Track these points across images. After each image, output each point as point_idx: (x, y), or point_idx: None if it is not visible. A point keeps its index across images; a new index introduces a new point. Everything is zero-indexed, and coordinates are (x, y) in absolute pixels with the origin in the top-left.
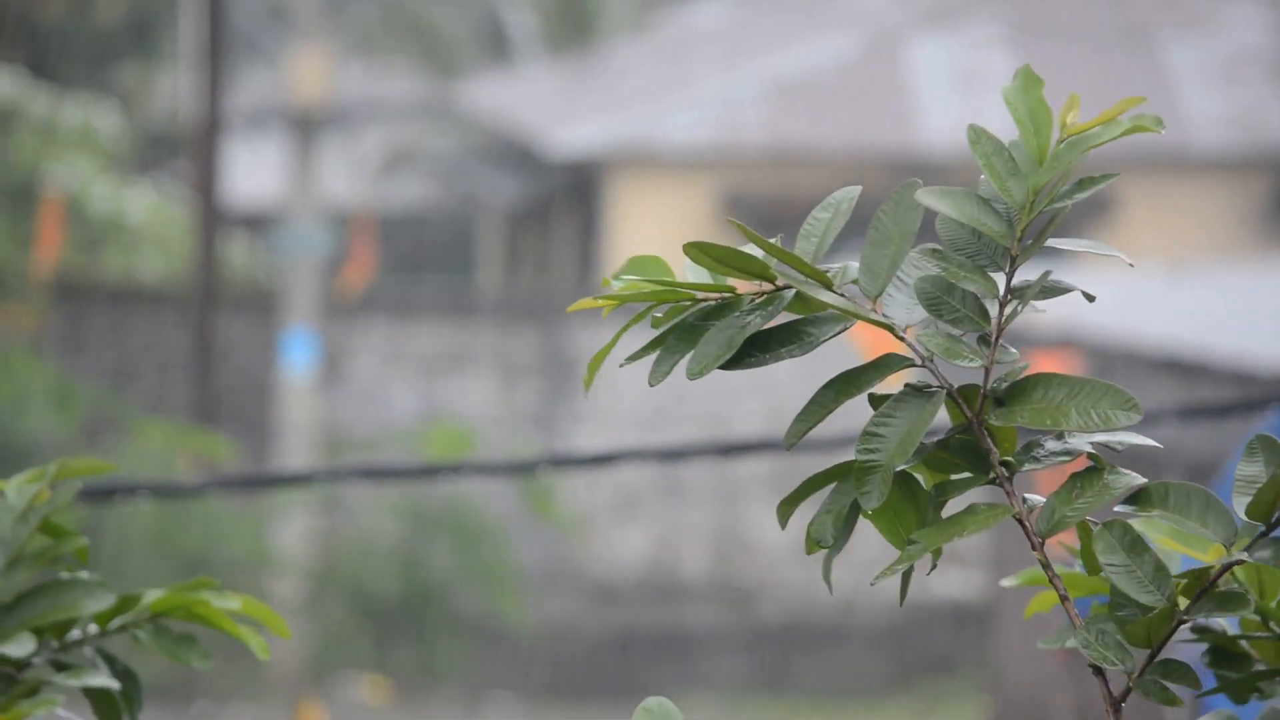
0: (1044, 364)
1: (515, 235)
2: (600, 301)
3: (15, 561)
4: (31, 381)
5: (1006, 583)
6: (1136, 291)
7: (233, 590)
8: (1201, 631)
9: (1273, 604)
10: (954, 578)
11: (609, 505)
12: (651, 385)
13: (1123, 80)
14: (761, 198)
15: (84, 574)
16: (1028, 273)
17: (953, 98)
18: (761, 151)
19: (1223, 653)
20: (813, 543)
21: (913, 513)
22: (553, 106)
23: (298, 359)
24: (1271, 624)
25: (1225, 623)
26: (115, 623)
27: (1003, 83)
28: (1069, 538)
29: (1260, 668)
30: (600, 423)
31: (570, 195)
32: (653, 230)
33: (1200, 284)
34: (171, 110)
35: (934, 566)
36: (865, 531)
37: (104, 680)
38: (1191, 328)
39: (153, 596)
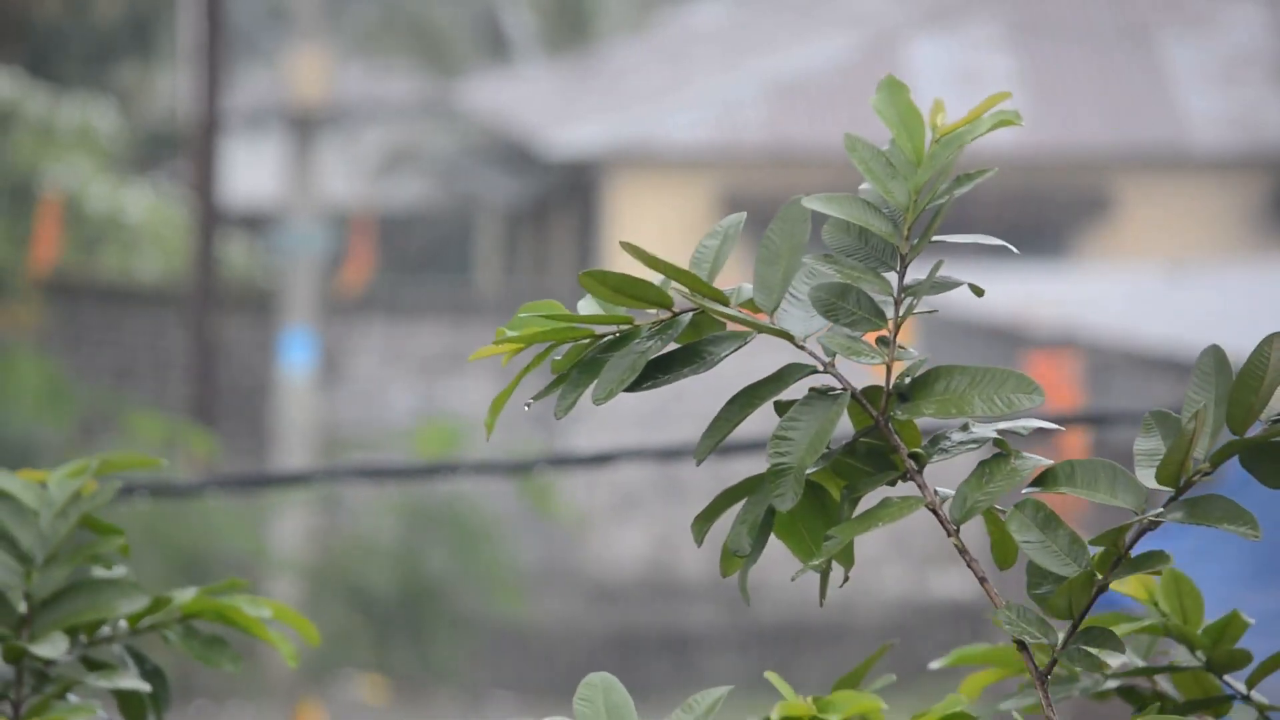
0: (1044, 364)
1: (514, 235)
2: (501, 348)
3: (53, 557)
4: (30, 380)
5: (935, 665)
6: (1136, 291)
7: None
8: (1127, 694)
9: (1197, 631)
10: (953, 578)
11: (608, 505)
12: (557, 418)
13: (1122, 80)
14: (761, 197)
15: (120, 570)
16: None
17: (952, 98)
18: (761, 151)
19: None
20: (729, 558)
21: (821, 520)
22: (552, 106)
23: (296, 359)
24: (1197, 651)
25: (1137, 660)
26: (146, 622)
27: (1003, 83)
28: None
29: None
30: (599, 422)
31: (569, 195)
32: (652, 230)
33: (1199, 284)
34: (170, 110)
35: (846, 579)
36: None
37: (134, 682)
38: (1191, 327)
39: (184, 598)
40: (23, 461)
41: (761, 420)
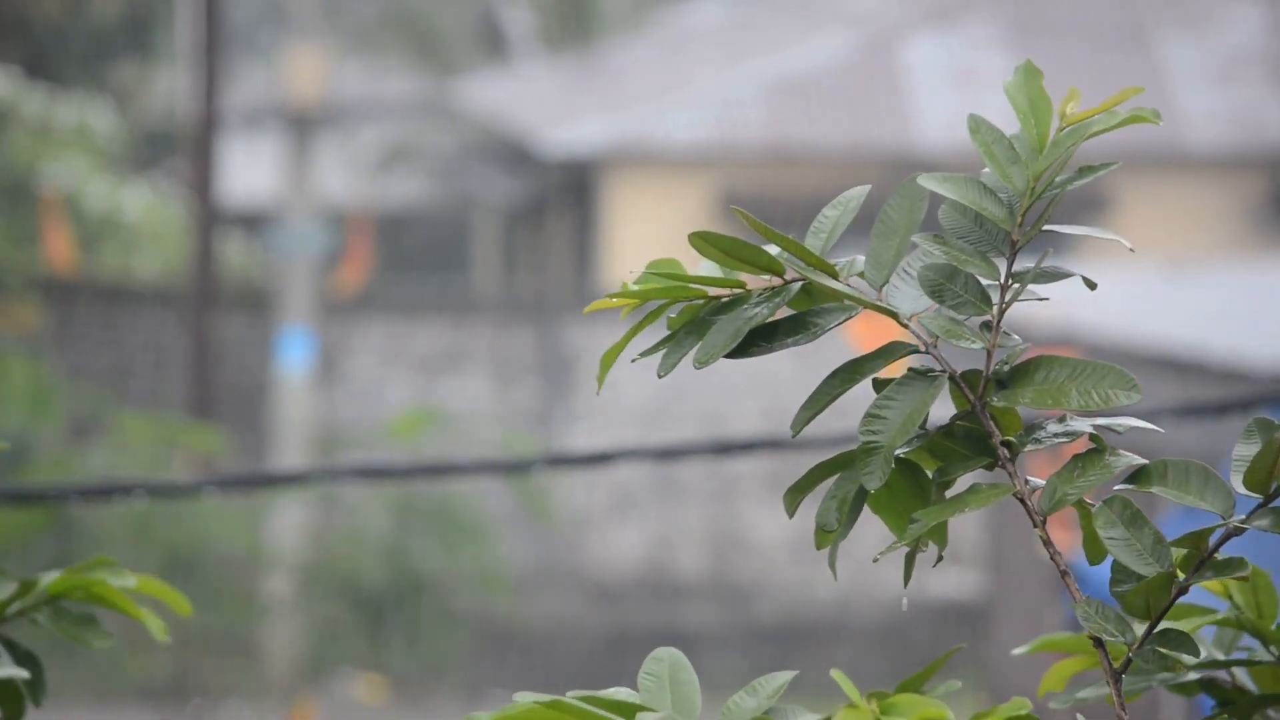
0: None
1: (512, 234)
2: (617, 301)
3: None
4: (21, 381)
5: (1017, 652)
6: (1134, 290)
7: (225, 587)
8: (1209, 686)
9: (1272, 626)
10: (952, 577)
11: (606, 504)
12: (660, 376)
13: (1120, 79)
14: (759, 196)
15: None
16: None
17: (950, 96)
18: (759, 150)
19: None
20: (822, 533)
21: (917, 500)
22: (550, 105)
23: (294, 357)
24: (1271, 647)
25: (1217, 653)
26: (13, 608)
27: (1000, 81)
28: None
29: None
30: (598, 421)
31: (568, 194)
32: (650, 229)
33: (1197, 282)
34: (168, 109)
35: (940, 558)
36: (863, 529)
37: (10, 670)
38: (1189, 326)
39: (50, 579)
40: (16, 463)
41: (759, 418)
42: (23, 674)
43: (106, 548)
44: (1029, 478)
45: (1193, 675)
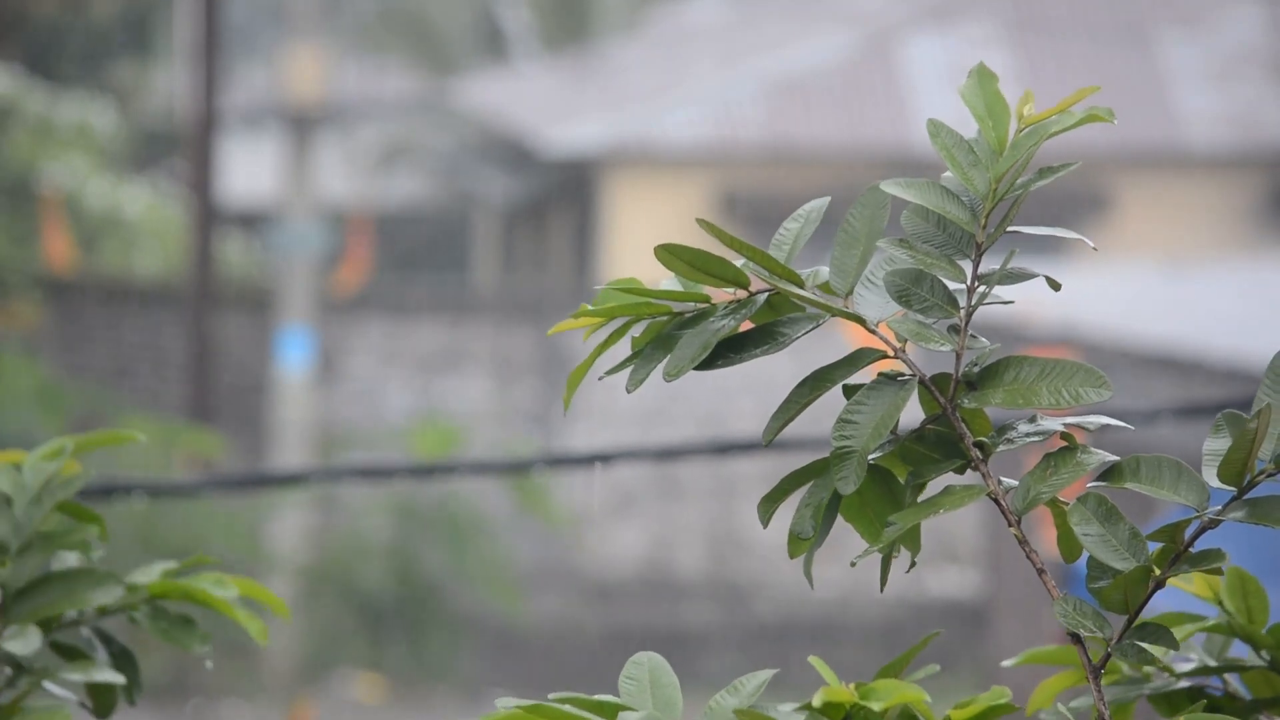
0: None
1: (511, 233)
2: (582, 322)
3: (28, 546)
4: (25, 379)
5: (1007, 664)
6: (1133, 289)
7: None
8: (1198, 694)
9: (1262, 630)
10: (950, 576)
11: (605, 504)
12: (629, 391)
13: (1119, 78)
14: (758, 196)
15: (97, 556)
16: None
17: (949, 96)
18: (758, 150)
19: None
20: (795, 542)
21: (890, 505)
22: (549, 104)
23: (293, 357)
24: (1262, 652)
25: (1209, 660)
26: (114, 604)
27: (999, 80)
28: None
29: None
30: (597, 421)
31: (567, 193)
32: (649, 228)
33: (1197, 282)
34: (167, 108)
35: (913, 564)
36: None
37: (108, 675)
38: (1188, 325)
39: (149, 578)
40: None
41: (757, 418)
42: (118, 679)
43: (112, 548)
44: (1003, 478)
45: (1183, 683)
